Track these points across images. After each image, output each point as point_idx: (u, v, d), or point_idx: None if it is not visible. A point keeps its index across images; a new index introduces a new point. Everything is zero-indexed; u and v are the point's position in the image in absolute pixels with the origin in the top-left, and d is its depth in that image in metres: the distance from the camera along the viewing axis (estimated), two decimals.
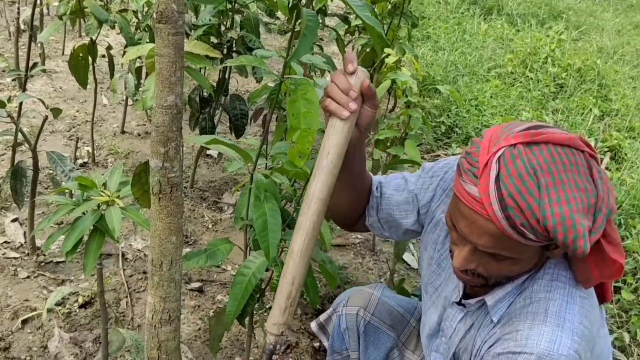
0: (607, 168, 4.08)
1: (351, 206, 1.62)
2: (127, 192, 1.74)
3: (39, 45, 4.25)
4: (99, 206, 1.73)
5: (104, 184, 1.78)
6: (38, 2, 3.92)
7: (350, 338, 1.80)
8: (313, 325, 1.93)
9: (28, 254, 2.64)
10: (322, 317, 1.90)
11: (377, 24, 1.51)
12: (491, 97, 5.07)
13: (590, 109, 4.97)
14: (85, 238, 1.72)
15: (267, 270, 1.75)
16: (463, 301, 1.49)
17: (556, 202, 1.15)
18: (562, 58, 5.86)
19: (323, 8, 3.76)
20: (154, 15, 1.35)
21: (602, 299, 1.44)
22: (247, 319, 1.90)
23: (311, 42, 1.56)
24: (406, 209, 1.61)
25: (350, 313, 1.80)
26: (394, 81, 3.12)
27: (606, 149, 4.34)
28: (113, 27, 3.20)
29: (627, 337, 2.64)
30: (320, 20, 3.87)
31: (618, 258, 1.28)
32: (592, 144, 4.30)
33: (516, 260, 1.27)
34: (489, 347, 1.37)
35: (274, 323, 1.36)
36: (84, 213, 1.70)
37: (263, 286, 1.93)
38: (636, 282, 2.97)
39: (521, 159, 1.18)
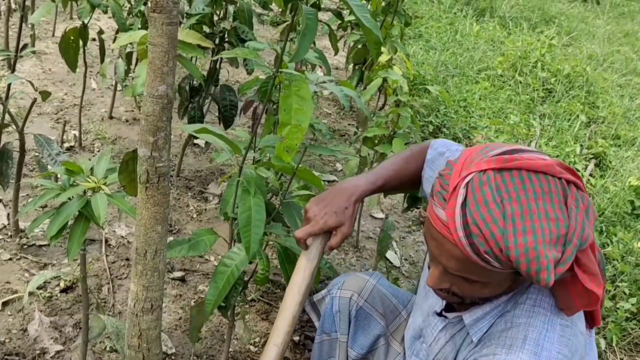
0: (591, 175, 4.12)
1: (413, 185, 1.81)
2: (114, 179, 1.74)
3: (29, 26, 4.21)
4: (85, 192, 1.73)
5: (91, 170, 1.78)
6: None
7: (341, 321, 1.83)
8: (305, 303, 1.94)
9: (11, 236, 2.62)
10: (316, 297, 1.92)
11: (376, 27, 1.52)
12: (480, 99, 5.09)
13: (578, 115, 5.01)
14: (70, 223, 1.71)
15: (250, 262, 1.76)
16: (444, 313, 1.51)
17: (521, 232, 1.13)
18: (552, 63, 5.89)
19: (317, 2, 3.76)
20: (149, 4, 1.35)
21: (592, 322, 1.42)
22: (229, 311, 1.90)
23: (310, 42, 1.57)
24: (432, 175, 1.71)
25: (344, 296, 1.83)
26: (384, 79, 3.13)
27: (591, 156, 4.38)
28: (105, 12, 3.18)
29: (603, 344, 2.67)
30: None
31: (594, 288, 1.24)
32: (578, 150, 4.34)
33: (485, 284, 1.27)
34: None
35: None
36: (69, 198, 1.70)
37: (246, 278, 1.94)
38: (614, 290, 3.00)
39: (489, 185, 1.17)
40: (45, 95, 2.44)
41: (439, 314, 1.52)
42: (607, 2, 10.42)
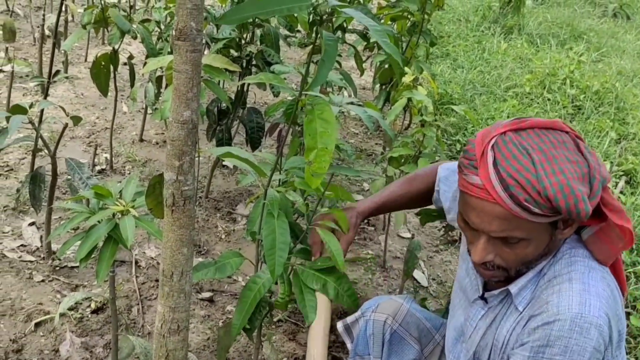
0: (621, 192, 4.08)
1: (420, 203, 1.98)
2: (142, 203, 1.78)
3: (62, 52, 4.32)
4: (113, 215, 1.77)
5: (120, 193, 1.82)
6: (63, 9, 3.99)
7: (375, 344, 1.84)
8: (339, 326, 1.97)
9: (43, 258, 2.68)
10: (349, 319, 1.94)
11: (396, 52, 1.54)
12: (508, 116, 5.07)
13: (607, 132, 4.96)
14: (100, 245, 1.75)
15: (276, 283, 1.77)
16: (485, 294, 1.55)
17: (552, 174, 1.26)
18: (580, 80, 5.85)
19: (343, 24, 3.80)
20: (173, 32, 1.39)
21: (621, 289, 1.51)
22: (254, 332, 1.92)
23: (330, 68, 1.59)
24: (451, 205, 1.80)
25: (379, 319, 1.84)
26: (409, 99, 3.15)
27: (621, 173, 4.33)
28: (135, 38, 3.26)
29: None
30: (340, 36, 3.91)
31: (624, 223, 1.37)
32: (608, 167, 4.30)
33: (528, 241, 1.35)
34: (522, 329, 1.43)
35: None
36: (99, 221, 1.74)
37: (273, 299, 1.95)
38: None
39: (512, 142, 1.32)
40: (77, 120, 2.50)
41: (482, 297, 1.56)
42: (638, 17, 10.32)
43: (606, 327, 1.31)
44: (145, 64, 3.97)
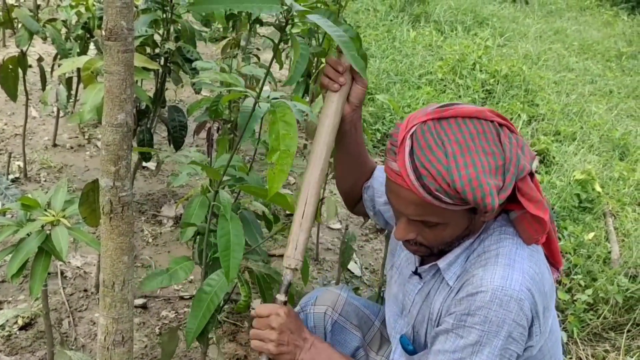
0: (536, 172, 4.22)
1: (352, 184, 1.85)
2: (73, 211, 1.70)
3: None
4: (42, 226, 1.68)
5: (48, 203, 1.73)
6: None
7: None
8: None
9: None
10: None
11: (363, 68, 1.56)
12: (423, 103, 5.16)
13: (519, 114, 5.13)
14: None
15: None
16: (418, 269, 1.59)
17: (463, 167, 1.30)
18: (489, 64, 6.02)
19: (259, 18, 3.76)
20: (103, 32, 1.32)
21: (554, 264, 1.59)
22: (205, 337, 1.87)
23: (303, 68, 1.64)
24: (382, 189, 1.76)
25: (318, 312, 1.84)
26: None
27: (535, 153, 4.48)
28: (45, 39, 3.11)
29: (564, 336, 2.73)
30: (255, 30, 3.87)
31: (540, 213, 1.40)
32: None
33: (445, 224, 1.41)
34: (452, 300, 1.47)
35: (288, 256, 1.56)
36: (28, 234, 1.65)
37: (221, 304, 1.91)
38: (570, 282, 3.08)
39: (430, 132, 1.35)
40: None
41: (415, 272, 1.60)
42: (535, 1, 10.72)
43: (527, 302, 1.36)
44: (53, 64, 3.81)
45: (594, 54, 7.77)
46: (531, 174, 1.43)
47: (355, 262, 3.12)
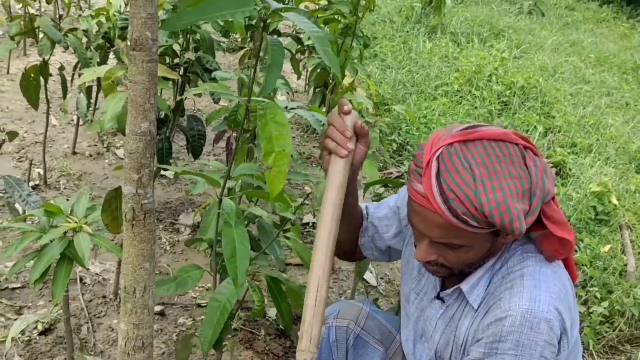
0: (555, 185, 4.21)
1: (349, 236, 1.74)
2: (95, 218, 1.72)
3: None
4: (65, 233, 1.71)
5: (71, 210, 1.76)
6: None
7: (339, 350, 1.84)
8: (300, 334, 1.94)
9: None
10: None
11: (335, 63, 1.54)
12: (439, 115, 5.17)
13: (535, 126, 5.12)
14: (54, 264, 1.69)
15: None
16: (440, 294, 1.58)
17: (491, 190, 1.29)
18: (505, 76, 6.02)
19: (277, 29, 3.80)
20: (128, 43, 1.35)
21: (572, 277, 1.57)
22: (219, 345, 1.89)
23: (278, 74, 1.57)
24: (387, 223, 1.74)
25: (341, 325, 1.84)
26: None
27: (551, 165, 4.48)
28: (66, 48, 3.16)
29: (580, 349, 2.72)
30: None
31: (565, 235, 1.41)
32: None
33: (469, 247, 1.40)
34: (478, 325, 1.46)
35: (302, 350, 1.39)
36: (51, 240, 1.68)
37: (234, 311, 1.93)
38: (586, 295, 3.07)
39: (457, 155, 1.34)
40: (13, 135, 2.41)
41: (437, 297, 1.59)
42: (552, 13, 10.72)
43: (557, 321, 1.36)
44: (73, 74, 3.87)
45: (611, 67, 7.74)
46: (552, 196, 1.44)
47: (371, 272, 3.13)
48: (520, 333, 1.35)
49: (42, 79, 3.14)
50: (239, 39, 5.89)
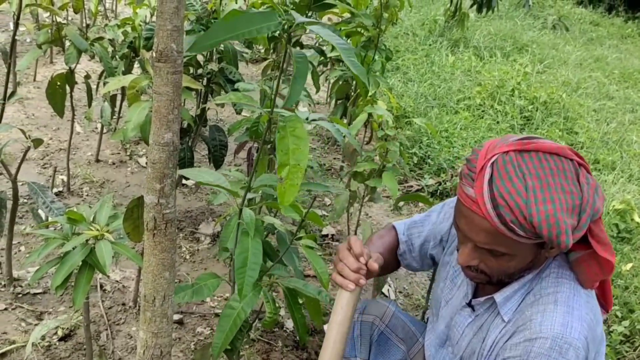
0: None
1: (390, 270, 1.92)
2: (117, 226, 1.74)
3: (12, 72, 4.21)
4: (87, 240, 1.73)
5: (93, 218, 1.78)
6: (14, 28, 3.89)
7: (362, 345, 1.87)
8: (326, 327, 1.96)
9: (4, 285, 2.60)
10: None
11: (363, 73, 1.56)
12: (461, 129, 5.16)
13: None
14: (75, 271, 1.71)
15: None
16: (473, 301, 1.60)
17: (542, 202, 1.30)
18: (528, 91, 6.00)
19: (300, 41, 3.81)
20: (154, 54, 1.37)
21: (606, 306, 1.59)
22: (234, 354, 1.90)
23: (302, 85, 1.59)
24: (430, 238, 1.81)
25: (366, 321, 1.88)
26: (369, 114, 3.18)
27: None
28: (93, 57, 3.20)
29: None
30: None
31: (608, 256, 1.41)
32: None
33: (512, 256, 1.41)
34: (505, 342, 1.46)
35: None
36: (73, 247, 1.70)
37: (251, 321, 1.94)
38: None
39: (512, 164, 1.35)
40: (38, 142, 2.44)
41: (469, 304, 1.61)
42: (576, 28, 10.66)
43: (583, 351, 1.36)
44: (98, 83, 3.92)
45: (635, 83, 7.69)
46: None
47: (389, 286, 3.12)
48: (549, 357, 1.35)
49: (67, 87, 3.18)
50: (262, 50, 5.93)
